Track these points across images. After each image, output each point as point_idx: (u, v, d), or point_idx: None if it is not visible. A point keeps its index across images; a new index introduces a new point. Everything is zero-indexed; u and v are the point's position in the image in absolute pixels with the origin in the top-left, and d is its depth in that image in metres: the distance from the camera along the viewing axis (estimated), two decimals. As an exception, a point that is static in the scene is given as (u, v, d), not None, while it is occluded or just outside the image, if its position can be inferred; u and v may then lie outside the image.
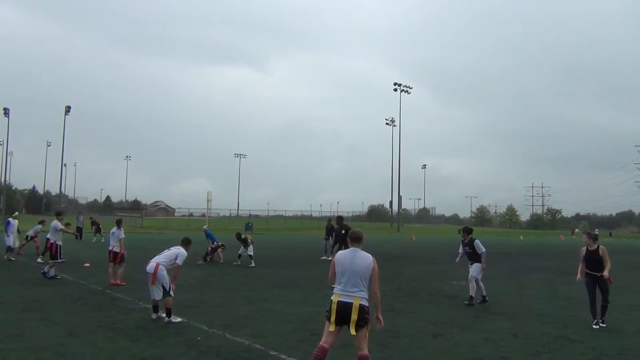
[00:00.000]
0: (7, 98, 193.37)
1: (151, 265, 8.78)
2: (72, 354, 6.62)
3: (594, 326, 9.02)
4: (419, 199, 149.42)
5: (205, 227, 24.01)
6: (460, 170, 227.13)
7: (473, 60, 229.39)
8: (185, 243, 9.39)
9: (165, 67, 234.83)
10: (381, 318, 5.61)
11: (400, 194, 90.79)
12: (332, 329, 5.39)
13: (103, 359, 6.42)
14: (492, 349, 7.39)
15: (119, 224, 13.78)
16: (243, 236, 20.41)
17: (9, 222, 19.85)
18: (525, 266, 22.58)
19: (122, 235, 13.51)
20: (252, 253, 19.59)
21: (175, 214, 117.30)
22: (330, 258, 22.32)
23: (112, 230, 13.73)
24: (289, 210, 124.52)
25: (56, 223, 14.69)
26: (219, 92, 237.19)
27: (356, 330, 5.28)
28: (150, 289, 8.82)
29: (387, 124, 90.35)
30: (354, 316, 5.27)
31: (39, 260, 18.64)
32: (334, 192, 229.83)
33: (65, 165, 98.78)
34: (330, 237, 23.38)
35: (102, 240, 32.02)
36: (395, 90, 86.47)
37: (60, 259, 14.34)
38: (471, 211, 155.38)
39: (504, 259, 25.84)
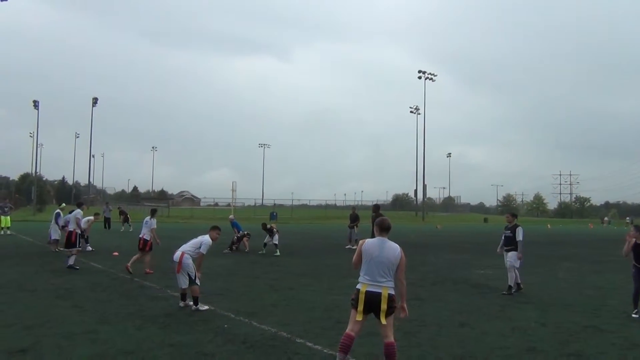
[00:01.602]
0: (37, 91, 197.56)
1: (177, 254, 8.90)
2: (103, 340, 6.76)
3: (633, 315, 8.84)
4: (444, 188, 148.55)
5: (231, 216, 24.22)
6: (486, 159, 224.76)
7: (500, 48, 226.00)
8: (214, 229, 9.43)
9: (191, 58, 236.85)
10: (406, 307, 5.60)
11: (425, 183, 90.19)
12: (359, 318, 5.39)
13: (133, 345, 6.54)
14: (520, 339, 7.30)
15: (152, 213, 14.03)
16: (268, 226, 20.55)
17: (58, 214, 19.87)
18: (553, 255, 22.27)
19: (154, 225, 13.71)
20: (277, 242, 19.72)
21: (201, 204, 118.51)
22: (354, 247, 22.34)
23: (145, 219, 13.94)
24: (313, 199, 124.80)
25: (77, 212, 14.68)
26: (243, 83, 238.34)
27: (385, 319, 5.27)
28: (177, 278, 8.94)
29: (411, 112, 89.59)
30: (384, 306, 5.28)
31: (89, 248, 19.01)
32: (358, 181, 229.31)
33: (93, 156, 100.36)
34: (355, 226, 23.38)
35: (131, 230, 32.58)
36: (420, 78, 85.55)
37: (79, 247, 14.41)
38: (497, 200, 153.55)
39: (531, 248, 25.44)
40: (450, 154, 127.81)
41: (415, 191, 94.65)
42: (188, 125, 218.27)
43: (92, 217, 19.50)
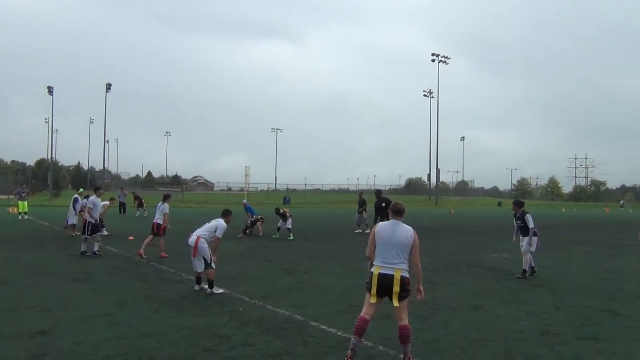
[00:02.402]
0: (52, 77, 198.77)
1: (192, 238, 8.97)
2: (120, 322, 6.86)
3: None
4: (457, 172, 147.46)
5: (244, 201, 24.35)
6: (500, 142, 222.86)
7: (516, 29, 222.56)
8: (225, 214, 9.50)
9: (204, 43, 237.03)
10: (422, 289, 5.58)
11: (439, 167, 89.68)
12: (374, 301, 5.41)
13: (149, 327, 6.63)
14: (534, 322, 7.29)
15: (165, 198, 14.16)
16: (281, 210, 20.65)
17: (76, 199, 19.94)
18: (568, 239, 22.11)
19: (167, 211, 13.82)
20: (290, 226, 19.81)
21: (214, 189, 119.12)
22: (367, 231, 22.36)
23: (158, 204, 14.06)
24: (326, 184, 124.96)
25: (95, 199, 14.30)
26: (257, 67, 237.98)
27: (399, 302, 5.28)
28: (192, 262, 9.02)
29: (424, 95, 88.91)
30: (396, 288, 5.27)
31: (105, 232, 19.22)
32: (371, 165, 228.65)
33: (107, 141, 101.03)
34: (363, 211, 23.40)
35: (145, 214, 32.87)
36: (433, 61, 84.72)
37: (88, 234, 13.65)
38: (511, 184, 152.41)
39: (546, 232, 25.29)
40: (463, 137, 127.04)
41: (429, 175, 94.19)
42: (202, 110, 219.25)
43: (107, 202, 19.68)
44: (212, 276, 8.86)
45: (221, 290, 8.90)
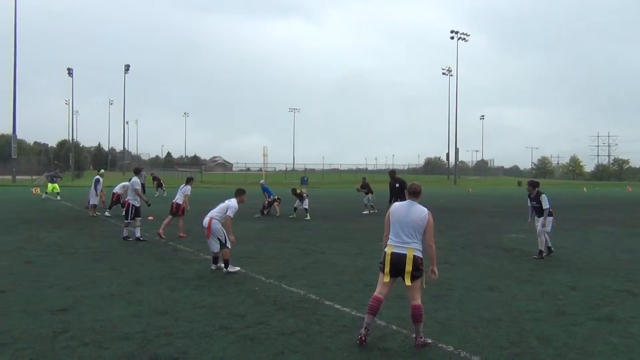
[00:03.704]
0: (72, 59, 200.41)
1: (205, 220, 9.10)
2: (139, 301, 7.02)
3: None
4: (477, 151, 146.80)
5: (261, 181, 24.50)
6: (521, 121, 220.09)
7: (536, 5, 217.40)
8: (238, 193, 9.53)
9: (223, 23, 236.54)
10: (436, 270, 5.59)
11: (458, 146, 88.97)
12: (387, 280, 5.45)
13: (167, 306, 6.77)
14: (549, 302, 7.27)
15: (188, 181, 14.31)
16: (298, 191, 20.75)
17: (98, 180, 20.29)
18: (588, 219, 21.86)
19: (188, 192, 13.98)
20: (307, 206, 19.93)
21: (233, 169, 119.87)
22: (373, 212, 22.39)
23: (181, 186, 14.26)
24: (344, 163, 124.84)
25: (134, 182, 13.33)
26: (275, 47, 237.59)
27: (411, 281, 5.32)
28: (208, 242, 9.15)
29: (443, 73, 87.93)
30: (409, 267, 5.30)
31: (107, 213, 19.62)
32: (389, 145, 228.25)
33: (127, 122, 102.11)
34: (369, 192, 23.45)
35: (165, 195, 33.30)
36: (452, 38, 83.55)
37: (130, 219, 12.95)
38: (532, 162, 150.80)
39: (566, 212, 25.07)
40: (483, 116, 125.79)
41: (447, 155, 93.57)
42: (220, 90, 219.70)
43: (127, 183, 19.97)
44: (227, 256, 8.98)
45: (237, 269, 9.03)
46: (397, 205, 5.68)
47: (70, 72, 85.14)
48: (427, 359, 5.06)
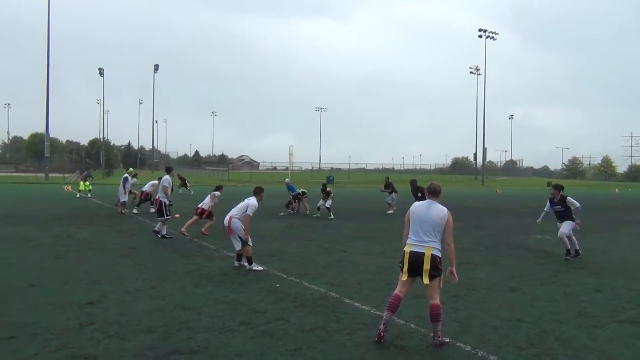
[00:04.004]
0: (104, 59, 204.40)
1: (226, 219, 9.22)
2: (163, 296, 7.19)
3: None
4: (506, 151, 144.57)
5: (287, 179, 24.66)
6: (551, 120, 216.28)
7: (567, 2, 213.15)
8: (257, 192, 9.59)
9: (250, 22, 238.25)
10: (455, 272, 5.57)
11: (486, 146, 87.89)
12: (405, 279, 5.48)
13: (189, 301, 6.91)
14: (572, 304, 7.19)
15: (218, 188, 14.87)
16: (328, 188, 20.82)
17: (126, 178, 20.65)
18: (618, 220, 21.41)
19: (216, 201, 14.46)
20: (329, 206, 19.98)
21: (260, 168, 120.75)
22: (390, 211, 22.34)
23: (213, 192, 14.63)
24: (370, 163, 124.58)
25: (165, 180, 13.55)
26: (302, 47, 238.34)
27: (429, 280, 5.34)
28: (231, 240, 9.29)
29: (471, 72, 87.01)
30: (427, 266, 5.32)
31: (135, 211, 20.02)
32: (417, 144, 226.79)
33: (156, 121, 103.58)
34: (393, 192, 23.39)
35: (192, 193, 33.83)
36: (480, 37, 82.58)
37: (168, 215, 13.19)
38: (562, 163, 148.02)
39: (595, 213, 24.59)
40: (512, 115, 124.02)
41: (475, 154, 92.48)
42: (248, 90, 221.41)
43: (156, 181, 20.36)
44: (249, 253, 9.10)
45: (261, 268, 9.12)
46: (417, 204, 5.72)
47: (101, 72, 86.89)
48: (444, 357, 5.08)
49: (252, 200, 9.34)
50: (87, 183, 31.63)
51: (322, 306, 6.81)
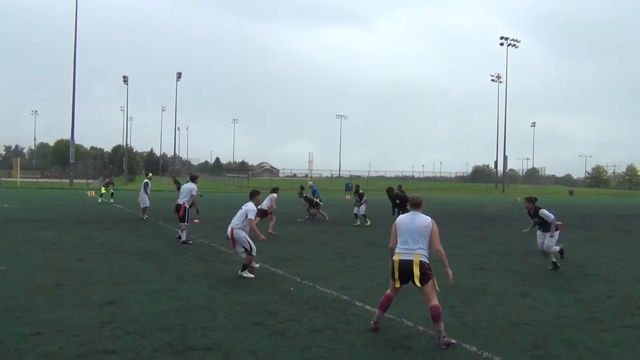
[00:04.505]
0: (127, 67, 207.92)
1: (228, 231, 9.14)
2: (181, 297, 7.46)
3: None
4: (528, 159, 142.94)
5: (310, 183, 25.03)
6: (574, 128, 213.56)
7: (590, 9, 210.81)
8: (252, 195, 9.58)
9: (271, 30, 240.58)
10: (449, 271, 5.86)
11: (506, 154, 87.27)
12: (398, 286, 5.85)
13: (206, 302, 7.17)
14: (581, 310, 7.26)
15: (275, 190, 16.63)
16: (360, 191, 21.08)
17: (147, 184, 21.16)
18: (638, 228, 21.17)
19: (273, 204, 15.88)
20: (364, 212, 20.15)
21: (280, 175, 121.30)
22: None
23: (270, 194, 16.07)
24: (390, 171, 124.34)
25: (193, 188, 13.82)
26: (323, 54, 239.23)
27: (421, 284, 5.60)
28: (236, 251, 9.27)
29: (492, 80, 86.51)
30: (416, 271, 5.63)
31: (145, 216, 20.45)
32: (437, 152, 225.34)
33: (178, 128, 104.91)
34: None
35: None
36: (502, 44, 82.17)
37: (187, 222, 13.49)
38: (585, 171, 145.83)
39: (615, 221, 24.35)
40: (534, 123, 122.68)
41: (496, 162, 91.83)
42: (269, 97, 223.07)
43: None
44: (249, 261, 9.03)
45: (252, 275, 8.99)
46: (401, 217, 6.14)
47: (125, 79, 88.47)
48: (449, 357, 5.23)
49: (250, 206, 9.24)
50: (110, 189, 32.38)
51: (334, 308, 7.01)
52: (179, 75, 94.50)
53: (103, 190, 32.60)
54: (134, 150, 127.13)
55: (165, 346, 5.30)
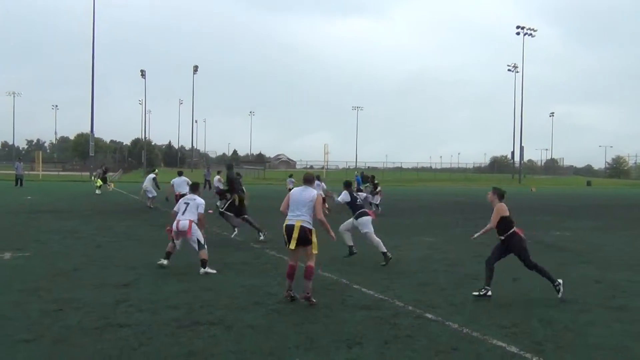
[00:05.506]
0: (145, 61, 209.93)
1: (184, 223, 8.75)
2: (189, 280, 8.02)
3: None
4: (546, 149, 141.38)
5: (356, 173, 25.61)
6: (594, 118, 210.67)
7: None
8: (194, 189, 9.54)
9: (287, 22, 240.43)
10: (332, 233, 7.32)
11: (524, 144, 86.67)
12: (292, 247, 6.76)
13: (212, 284, 7.72)
14: (566, 293, 7.59)
15: (318, 178, 16.46)
16: (376, 181, 21.65)
17: (154, 178, 22.32)
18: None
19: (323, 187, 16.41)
20: (378, 202, 20.70)
21: (296, 167, 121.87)
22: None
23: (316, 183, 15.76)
24: (407, 162, 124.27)
25: (217, 180, 14.79)
26: (340, 45, 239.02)
27: (294, 246, 6.71)
28: (183, 241, 8.94)
29: (509, 70, 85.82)
30: (295, 234, 6.69)
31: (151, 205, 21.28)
32: (455, 143, 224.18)
33: (196, 121, 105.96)
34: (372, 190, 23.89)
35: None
36: (518, 34, 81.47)
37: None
38: (605, 162, 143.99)
39: (627, 211, 24.43)
40: (553, 113, 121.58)
41: (512, 153, 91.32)
42: (285, 89, 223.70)
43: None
44: (204, 256, 8.73)
45: (214, 271, 8.73)
46: (294, 189, 7.23)
47: (143, 73, 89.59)
48: (431, 333, 5.68)
49: (199, 200, 9.09)
50: (96, 180, 33.88)
51: (331, 290, 7.52)
52: (196, 68, 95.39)
53: (98, 181, 33.94)
54: (153, 144, 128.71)
55: (173, 321, 5.85)
